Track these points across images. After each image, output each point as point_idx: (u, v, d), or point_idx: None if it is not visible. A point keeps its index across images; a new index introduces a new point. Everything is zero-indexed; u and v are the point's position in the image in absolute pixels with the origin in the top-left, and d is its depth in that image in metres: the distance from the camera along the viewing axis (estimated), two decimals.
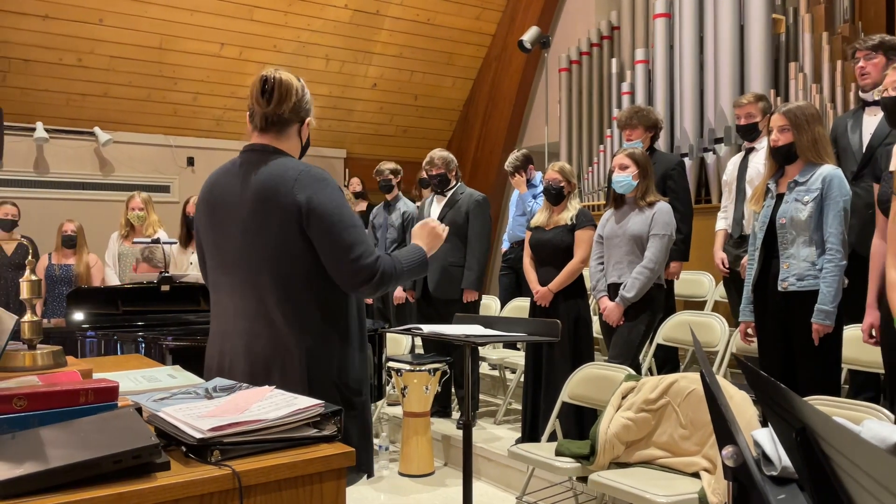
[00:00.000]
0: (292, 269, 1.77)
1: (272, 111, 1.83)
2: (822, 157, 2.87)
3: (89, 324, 3.70)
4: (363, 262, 1.75)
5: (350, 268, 1.75)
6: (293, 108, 1.85)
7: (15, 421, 1.29)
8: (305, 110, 1.89)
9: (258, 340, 1.79)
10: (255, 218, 1.78)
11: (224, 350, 1.86)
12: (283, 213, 1.75)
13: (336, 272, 1.78)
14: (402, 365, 4.00)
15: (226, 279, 1.86)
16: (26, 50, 6.13)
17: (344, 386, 1.82)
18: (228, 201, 1.84)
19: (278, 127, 1.86)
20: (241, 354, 1.82)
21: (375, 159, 6.01)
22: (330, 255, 1.76)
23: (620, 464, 2.84)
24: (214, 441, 1.21)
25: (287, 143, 1.88)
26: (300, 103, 1.87)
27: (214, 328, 1.92)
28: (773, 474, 1.21)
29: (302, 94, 1.87)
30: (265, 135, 1.86)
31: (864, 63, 3.41)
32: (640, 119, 4.20)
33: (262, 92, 1.83)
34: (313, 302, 1.78)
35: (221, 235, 1.86)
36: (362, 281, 1.76)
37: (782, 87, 5.12)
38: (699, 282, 4.83)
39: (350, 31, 7.24)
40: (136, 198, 5.17)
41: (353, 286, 1.79)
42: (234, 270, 1.84)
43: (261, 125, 1.86)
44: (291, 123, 1.87)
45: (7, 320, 1.42)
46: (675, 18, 5.58)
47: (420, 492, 3.83)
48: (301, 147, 1.93)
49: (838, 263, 2.78)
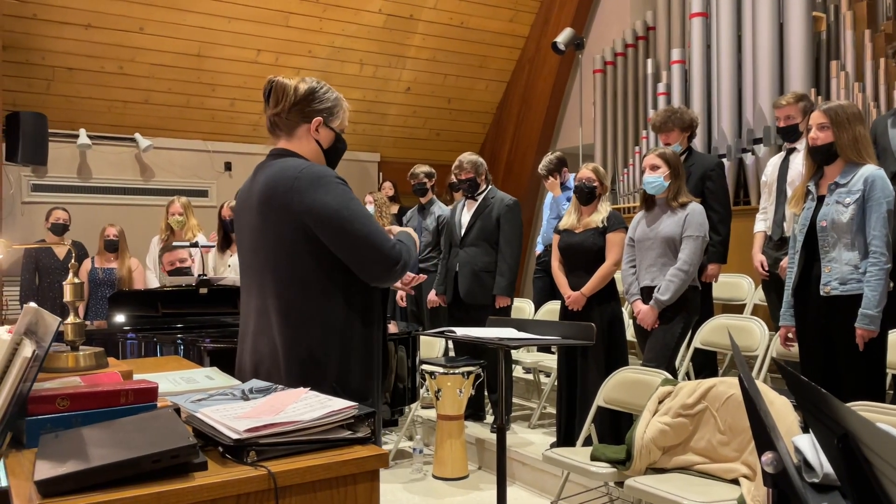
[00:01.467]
0: (291, 272, 1.78)
1: (270, 113, 1.87)
2: (863, 157, 2.80)
3: (130, 326, 3.77)
4: (385, 250, 1.75)
5: (375, 258, 1.75)
6: (292, 109, 1.85)
7: (58, 420, 1.32)
8: (315, 110, 1.87)
9: (262, 341, 1.84)
10: (259, 220, 1.82)
11: (244, 349, 1.93)
12: (280, 214, 1.77)
13: (361, 268, 1.77)
14: (436, 368, 4.00)
15: (244, 280, 1.94)
16: (69, 58, 6.29)
17: (343, 392, 1.73)
18: (245, 206, 1.90)
19: (285, 129, 1.88)
20: (249, 354, 1.88)
21: (409, 163, 6.03)
22: (350, 253, 1.76)
23: (657, 469, 2.80)
24: (251, 442, 1.22)
25: (299, 145, 1.87)
26: (304, 104, 1.85)
27: (239, 329, 2.00)
28: (815, 481, 1.19)
29: (303, 94, 1.85)
30: (277, 139, 1.90)
31: None
32: (676, 121, 4.12)
33: (264, 97, 1.89)
34: (311, 307, 1.77)
35: (242, 239, 1.93)
36: (390, 268, 1.76)
37: (823, 86, 5.01)
38: (738, 285, 4.75)
39: (384, 35, 7.28)
40: (176, 202, 5.27)
41: (383, 277, 1.78)
42: (248, 272, 1.91)
43: (269, 129, 1.91)
44: (297, 124, 1.87)
45: (51, 322, 1.45)
46: (712, 17, 5.50)
47: (454, 495, 3.83)
48: (322, 149, 1.91)
49: (883, 267, 2.71)
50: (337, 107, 1.91)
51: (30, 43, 6.08)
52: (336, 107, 1.91)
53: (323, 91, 1.89)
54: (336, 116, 1.91)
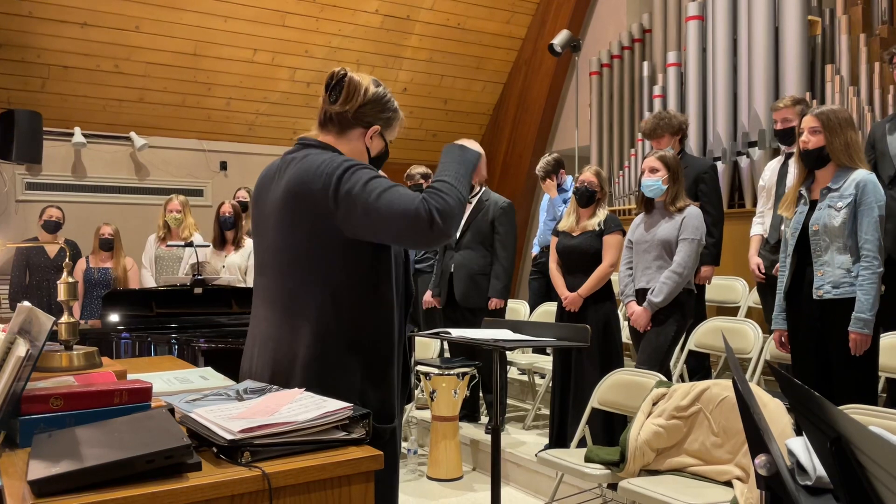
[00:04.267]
0: (312, 275, 1.65)
1: (334, 110, 1.74)
2: (855, 162, 2.81)
3: (124, 325, 3.76)
4: (412, 212, 1.54)
5: (405, 223, 1.55)
6: (357, 111, 1.74)
7: (52, 420, 1.32)
8: (376, 118, 1.77)
9: (279, 349, 1.69)
10: (284, 215, 1.67)
11: (253, 354, 1.79)
12: (310, 210, 1.63)
13: (398, 239, 1.62)
14: (431, 369, 4.00)
15: (260, 280, 1.78)
16: (65, 57, 6.27)
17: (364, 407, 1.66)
18: (266, 200, 1.75)
19: (338, 127, 1.75)
20: (261, 359, 1.73)
21: (405, 163, 6.03)
22: (381, 226, 1.58)
23: (651, 471, 2.81)
24: (245, 442, 1.22)
25: (347, 146, 1.75)
26: (368, 107, 1.75)
27: (248, 331, 1.85)
28: (808, 484, 1.19)
29: (372, 98, 1.75)
30: (324, 131, 1.77)
31: None
32: (665, 126, 4.14)
33: (326, 86, 1.75)
34: (330, 313, 1.64)
35: (259, 234, 1.78)
36: (425, 229, 1.54)
37: (818, 89, 5.03)
38: (733, 287, 4.76)
39: (381, 36, 7.28)
40: (175, 200, 5.27)
41: (420, 236, 1.57)
42: (266, 271, 1.74)
43: (320, 119, 1.77)
44: (354, 126, 1.75)
45: (45, 322, 1.45)
46: (708, 21, 5.51)
47: (448, 496, 3.83)
48: (369, 157, 1.80)
49: (875, 270, 2.72)
50: (395, 119, 1.82)
51: (25, 41, 6.06)
52: (395, 119, 1.82)
53: (387, 100, 1.80)
54: (393, 129, 1.83)
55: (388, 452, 1.66)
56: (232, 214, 5.00)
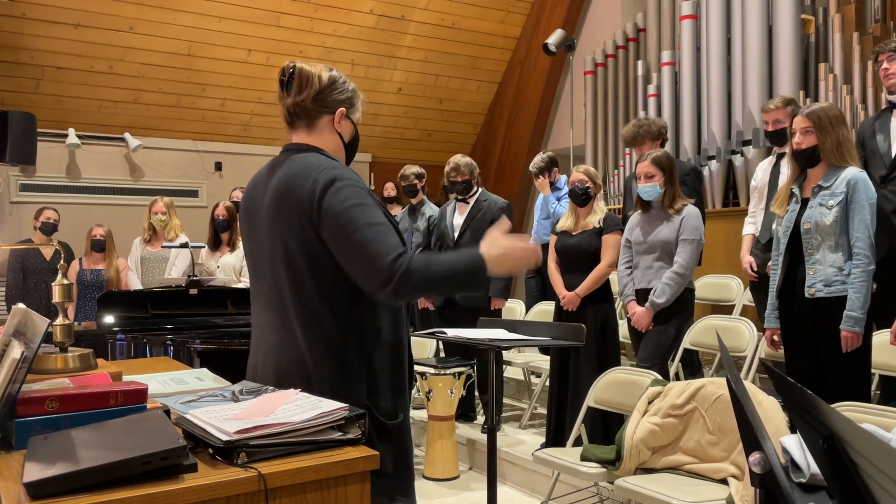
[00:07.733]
0: (312, 278, 1.63)
1: (291, 102, 1.72)
2: (846, 160, 2.81)
3: (119, 327, 3.75)
4: (378, 262, 1.53)
5: (366, 269, 1.56)
6: (316, 97, 1.72)
7: (47, 422, 1.32)
8: (337, 101, 1.75)
9: (285, 355, 1.67)
10: (275, 222, 1.66)
11: (257, 363, 1.76)
12: (299, 214, 1.62)
13: (355, 276, 1.60)
14: (427, 368, 4.00)
15: (257, 288, 1.76)
16: (59, 58, 6.26)
17: (374, 408, 1.65)
18: (257, 206, 1.74)
19: (305, 120, 1.74)
20: (270, 370, 1.70)
21: (400, 163, 6.03)
22: (345, 259, 1.59)
23: (647, 469, 2.82)
24: (241, 443, 1.22)
25: (321, 138, 1.74)
26: (326, 92, 1.73)
27: (252, 340, 1.82)
28: (802, 481, 1.20)
29: (328, 82, 1.73)
30: (296, 131, 1.76)
31: (889, 65, 3.33)
32: (645, 133, 4.17)
33: (280, 83, 1.74)
34: (334, 315, 1.63)
35: (253, 242, 1.76)
36: (380, 284, 1.54)
37: (812, 88, 5.05)
38: (727, 286, 4.77)
39: (375, 36, 7.28)
40: (160, 202, 5.25)
41: (373, 290, 1.58)
42: (263, 278, 1.73)
43: (287, 120, 1.76)
44: (319, 115, 1.74)
45: (40, 324, 1.45)
46: (702, 20, 5.53)
47: (445, 496, 3.83)
48: (343, 143, 1.79)
49: (866, 269, 2.73)
50: (355, 97, 1.80)
51: (19, 42, 6.05)
52: (354, 97, 1.80)
53: (342, 80, 1.77)
54: (356, 108, 1.80)
55: (397, 447, 1.69)
56: (227, 216, 5.00)
